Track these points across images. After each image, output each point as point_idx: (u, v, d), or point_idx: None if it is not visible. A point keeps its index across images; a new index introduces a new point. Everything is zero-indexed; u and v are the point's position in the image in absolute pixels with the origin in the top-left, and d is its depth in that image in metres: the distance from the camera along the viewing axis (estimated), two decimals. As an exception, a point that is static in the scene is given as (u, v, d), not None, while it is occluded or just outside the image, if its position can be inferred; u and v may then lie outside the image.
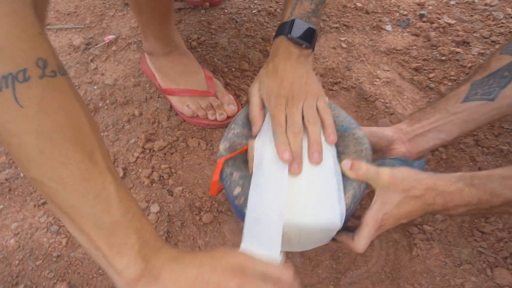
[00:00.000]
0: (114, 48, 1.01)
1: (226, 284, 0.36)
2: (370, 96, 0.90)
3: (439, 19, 1.05)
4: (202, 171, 0.79)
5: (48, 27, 1.07)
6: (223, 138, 0.55)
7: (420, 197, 0.48)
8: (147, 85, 0.93)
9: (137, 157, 0.80)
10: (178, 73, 0.85)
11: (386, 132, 0.62)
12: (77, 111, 0.38)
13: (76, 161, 0.36)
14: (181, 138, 0.83)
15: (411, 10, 1.08)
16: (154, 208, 0.73)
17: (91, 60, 0.98)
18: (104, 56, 1.00)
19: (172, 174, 0.78)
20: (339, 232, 0.50)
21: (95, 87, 0.93)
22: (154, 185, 0.77)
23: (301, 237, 0.49)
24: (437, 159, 0.81)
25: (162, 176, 0.78)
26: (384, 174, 0.48)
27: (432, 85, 0.91)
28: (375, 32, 1.03)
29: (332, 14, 1.08)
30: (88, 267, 0.68)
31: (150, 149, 0.81)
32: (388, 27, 1.03)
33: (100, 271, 0.67)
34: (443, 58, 0.97)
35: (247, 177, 0.50)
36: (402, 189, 0.48)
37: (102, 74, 0.96)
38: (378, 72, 0.95)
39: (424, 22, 1.05)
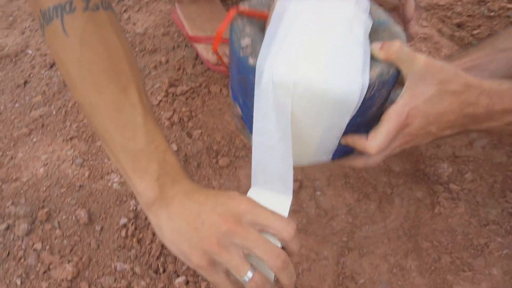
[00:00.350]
0: (146, -1, 1.03)
1: (217, 227, 0.36)
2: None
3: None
4: (222, 116, 0.79)
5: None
6: (245, 1, 0.47)
7: (459, 94, 0.39)
8: (176, 35, 0.94)
9: (160, 100, 0.81)
10: (205, 20, 0.84)
11: None
12: (115, 45, 0.41)
13: (110, 91, 0.40)
14: (203, 84, 0.83)
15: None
16: (172, 147, 0.74)
17: (124, 11, 1.01)
18: (137, 7, 1.01)
19: (192, 117, 0.79)
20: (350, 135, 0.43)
21: (127, 35, 0.95)
22: (174, 127, 0.78)
23: (309, 113, 0.40)
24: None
25: (182, 119, 0.78)
26: (421, 57, 0.39)
27: (475, 42, 0.84)
28: None
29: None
30: (106, 197, 0.71)
31: (173, 93, 0.82)
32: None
33: (118, 201, 0.70)
34: (492, 14, 0.89)
35: (262, 37, 0.42)
36: (439, 80, 0.39)
37: (134, 24, 0.97)
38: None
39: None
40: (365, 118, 0.42)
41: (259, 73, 0.38)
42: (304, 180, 0.73)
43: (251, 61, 0.40)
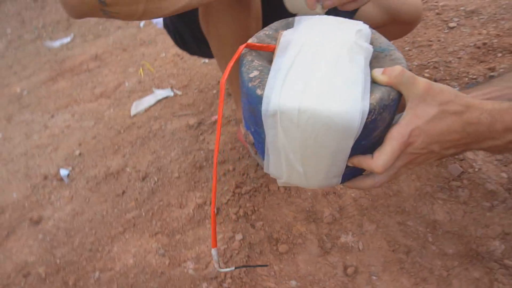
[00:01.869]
0: (218, 124, 1.29)
1: None
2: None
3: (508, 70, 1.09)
4: (280, 209, 0.91)
5: (174, 114, 1.42)
6: (253, 36, 0.51)
7: (460, 113, 0.40)
8: (241, 148, 1.15)
9: (228, 199, 0.97)
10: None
11: None
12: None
13: None
14: (264, 184, 0.98)
15: (481, 74, 1.14)
16: (238, 236, 0.86)
17: (200, 134, 1.27)
18: (210, 130, 1.27)
19: (255, 211, 0.92)
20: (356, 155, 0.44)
21: (201, 152, 1.18)
22: (239, 219, 0.91)
23: (315, 138, 0.42)
24: None
25: (247, 213, 0.92)
26: (422, 80, 0.41)
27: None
28: (443, 94, 1.11)
29: (401, 84, 1.20)
30: (183, 282, 0.81)
31: (238, 193, 0.98)
32: (456, 89, 1.11)
33: (192, 285, 0.80)
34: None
35: (269, 67, 0.45)
36: (440, 101, 0.40)
37: (208, 143, 1.21)
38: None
39: (495, 81, 1.09)
40: (370, 141, 0.44)
41: (266, 103, 0.41)
42: (359, 266, 0.78)
43: (259, 91, 0.42)
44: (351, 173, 0.49)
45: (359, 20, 0.85)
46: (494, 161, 0.89)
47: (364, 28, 0.49)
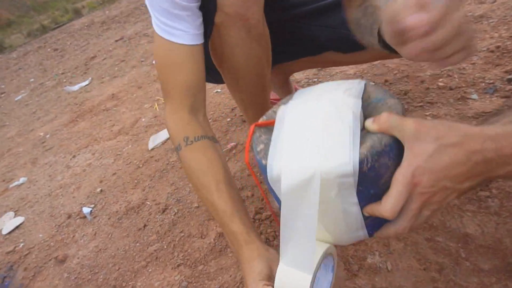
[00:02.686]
0: (234, 151, 1.29)
1: None
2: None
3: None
4: (302, 233, 0.89)
5: (190, 145, 1.44)
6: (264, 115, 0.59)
7: (460, 144, 0.39)
8: (258, 174, 1.14)
9: (249, 226, 0.95)
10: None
11: None
12: (214, 164, 0.69)
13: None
14: (283, 208, 0.96)
15: (498, 78, 1.12)
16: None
17: (217, 162, 1.27)
18: (227, 158, 1.27)
19: (276, 236, 0.90)
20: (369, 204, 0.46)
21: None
22: (261, 246, 0.89)
23: (317, 195, 0.44)
24: None
25: (268, 239, 0.90)
26: (410, 121, 0.41)
27: None
28: (460, 103, 1.09)
29: (416, 96, 1.18)
30: (207, 314, 0.79)
31: (259, 219, 0.96)
32: (474, 96, 1.08)
33: (217, 317, 0.78)
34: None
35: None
36: (435, 136, 0.40)
37: (225, 170, 1.21)
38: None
39: (513, 85, 1.06)
40: (380, 188, 0.45)
41: (270, 170, 0.47)
42: (389, 287, 0.75)
43: (264, 162, 0.49)
44: (377, 224, 0.50)
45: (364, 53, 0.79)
46: (523, 166, 0.85)
47: (357, 85, 0.53)
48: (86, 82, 2.77)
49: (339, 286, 0.76)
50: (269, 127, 0.56)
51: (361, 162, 0.42)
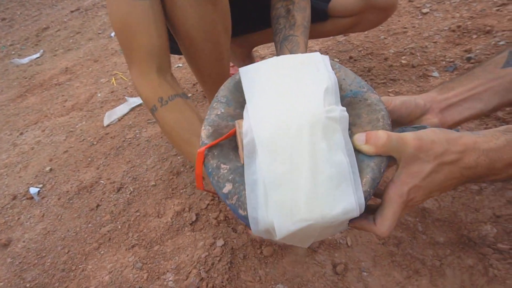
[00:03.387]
0: (194, 128, 1.24)
1: None
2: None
3: (488, 57, 1.07)
4: (262, 210, 0.86)
5: (148, 121, 1.36)
6: (204, 121, 0.45)
7: (457, 162, 0.39)
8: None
9: (208, 204, 0.92)
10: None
11: (418, 101, 0.53)
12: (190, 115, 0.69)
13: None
14: (244, 185, 0.93)
15: (458, 56, 1.13)
16: (219, 242, 0.81)
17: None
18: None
19: (236, 214, 0.87)
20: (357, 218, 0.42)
21: (178, 157, 1.13)
22: (221, 224, 0.86)
23: (318, 233, 0.41)
24: (503, 177, 0.76)
25: (228, 217, 0.87)
26: (410, 139, 0.39)
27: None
28: (422, 80, 1.09)
29: (379, 73, 1.18)
30: (162, 295, 0.75)
31: (218, 197, 0.93)
32: (435, 74, 1.08)
33: (172, 298, 0.74)
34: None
35: (239, 169, 0.41)
36: (434, 155, 0.38)
37: (184, 147, 1.16)
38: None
39: (472, 63, 1.08)
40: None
41: (254, 223, 0.39)
42: (348, 263, 0.74)
43: (241, 212, 0.39)
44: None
45: (335, 10, 0.80)
46: (478, 142, 0.86)
47: (330, 81, 0.43)
48: (37, 55, 2.56)
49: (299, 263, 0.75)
50: (222, 144, 0.43)
51: (365, 199, 0.39)
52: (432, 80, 1.07)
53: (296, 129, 0.39)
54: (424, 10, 1.39)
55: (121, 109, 1.48)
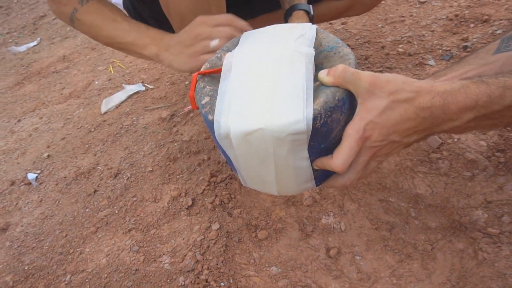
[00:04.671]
0: (191, 115, 1.24)
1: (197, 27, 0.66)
2: (416, 118, 0.92)
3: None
4: (258, 195, 0.87)
5: (145, 109, 1.36)
6: (206, 62, 0.55)
7: (411, 100, 0.39)
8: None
9: (204, 189, 0.92)
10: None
11: None
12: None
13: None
14: (240, 171, 0.94)
15: (454, 45, 1.13)
16: (215, 226, 0.82)
17: (174, 126, 1.22)
18: (184, 121, 1.22)
19: (231, 199, 0.88)
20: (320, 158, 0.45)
21: (175, 144, 1.13)
22: (216, 209, 0.87)
23: (271, 151, 0.43)
24: (495, 163, 0.77)
25: (223, 201, 0.88)
26: (366, 75, 0.41)
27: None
28: (418, 68, 1.09)
29: (376, 61, 1.18)
30: (158, 277, 0.77)
31: (214, 182, 0.93)
32: (431, 62, 1.09)
33: (168, 280, 0.75)
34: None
35: (217, 94, 0.48)
36: (388, 91, 0.40)
37: (181, 134, 1.17)
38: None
39: (468, 52, 1.08)
40: (330, 142, 0.45)
41: (217, 127, 0.43)
42: (342, 247, 0.75)
43: (210, 117, 0.45)
44: (324, 175, 0.50)
45: (320, 6, 0.80)
46: (472, 130, 0.87)
47: (308, 31, 0.50)
48: (34, 43, 2.55)
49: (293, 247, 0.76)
50: (214, 75, 0.52)
51: (314, 119, 0.41)
52: (428, 68, 1.08)
53: (266, 59, 0.47)
54: (422, -1, 1.38)
55: (119, 97, 1.48)
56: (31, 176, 1.20)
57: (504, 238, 0.66)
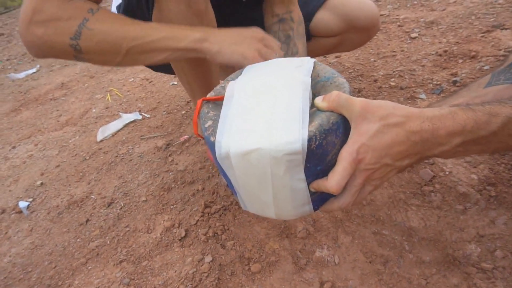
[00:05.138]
0: (187, 144, 1.25)
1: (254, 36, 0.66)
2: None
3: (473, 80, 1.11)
4: (251, 227, 0.87)
5: (141, 137, 1.37)
6: (211, 91, 0.58)
7: (402, 124, 0.41)
8: (210, 167, 1.11)
9: (197, 220, 0.92)
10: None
11: None
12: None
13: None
14: (234, 202, 0.94)
15: (444, 80, 1.16)
16: (208, 258, 0.81)
17: (169, 155, 1.22)
18: (179, 151, 1.23)
19: (225, 230, 0.87)
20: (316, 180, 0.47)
21: (170, 173, 1.13)
22: (209, 240, 0.86)
23: (266, 172, 0.44)
24: (486, 197, 0.78)
25: (217, 233, 0.87)
26: (358, 100, 0.43)
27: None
28: (409, 102, 1.12)
29: (369, 94, 1.21)
30: (149, 312, 0.75)
31: (208, 213, 0.93)
32: (423, 96, 1.12)
33: (158, 315, 0.74)
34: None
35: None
36: (379, 116, 0.42)
37: (176, 164, 1.17)
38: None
39: (458, 86, 1.11)
40: (326, 165, 0.46)
41: (218, 147, 0.45)
42: (336, 281, 0.74)
43: (212, 138, 0.47)
44: (322, 199, 0.51)
45: (317, 30, 0.87)
46: (464, 163, 0.88)
47: (306, 63, 0.53)
48: (33, 70, 2.59)
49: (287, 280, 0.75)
50: (217, 102, 0.54)
51: (309, 140, 0.42)
52: (420, 102, 1.10)
53: (267, 86, 0.50)
54: (413, 35, 1.44)
55: (115, 125, 1.50)
56: (22, 204, 1.19)
57: (498, 273, 0.65)
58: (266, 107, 0.46)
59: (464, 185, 0.83)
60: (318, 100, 0.47)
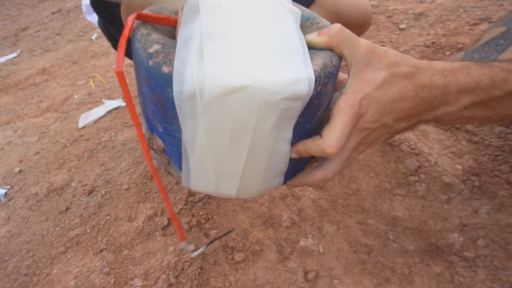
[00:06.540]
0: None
1: None
2: (394, 141, 0.93)
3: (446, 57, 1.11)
4: (235, 215, 0.85)
5: (125, 124, 1.34)
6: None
7: (411, 76, 0.35)
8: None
9: (180, 209, 0.90)
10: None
11: None
12: None
13: None
14: (218, 190, 0.92)
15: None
16: (191, 247, 0.79)
17: (153, 143, 1.19)
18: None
19: (208, 219, 0.86)
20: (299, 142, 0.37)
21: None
22: (192, 229, 0.84)
23: (250, 121, 0.32)
24: (470, 187, 0.78)
25: (200, 222, 0.85)
26: (364, 40, 0.35)
27: (458, 125, 0.93)
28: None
29: (356, 84, 1.20)
30: (129, 301, 0.73)
31: (191, 201, 0.91)
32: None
33: (139, 304, 0.72)
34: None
35: (172, 41, 0.34)
36: (387, 63, 0.34)
37: (160, 152, 1.14)
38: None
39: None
40: (314, 123, 0.37)
41: (179, 81, 0.30)
42: (320, 270, 0.74)
43: (165, 69, 0.31)
44: (295, 169, 0.41)
45: None
46: (449, 153, 0.88)
47: None
48: (14, 55, 2.50)
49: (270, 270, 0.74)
50: (157, 26, 0.37)
51: (316, 81, 0.32)
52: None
53: (247, 5, 0.36)
54: (402, 26, 1.43)
55: (98, 112, 1.46)
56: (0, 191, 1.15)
57: (480, 262, 0.66)
58: (251, 33, 0.33)
59: (449, 175, 0.83)
60: (313, 36, 0.36)
